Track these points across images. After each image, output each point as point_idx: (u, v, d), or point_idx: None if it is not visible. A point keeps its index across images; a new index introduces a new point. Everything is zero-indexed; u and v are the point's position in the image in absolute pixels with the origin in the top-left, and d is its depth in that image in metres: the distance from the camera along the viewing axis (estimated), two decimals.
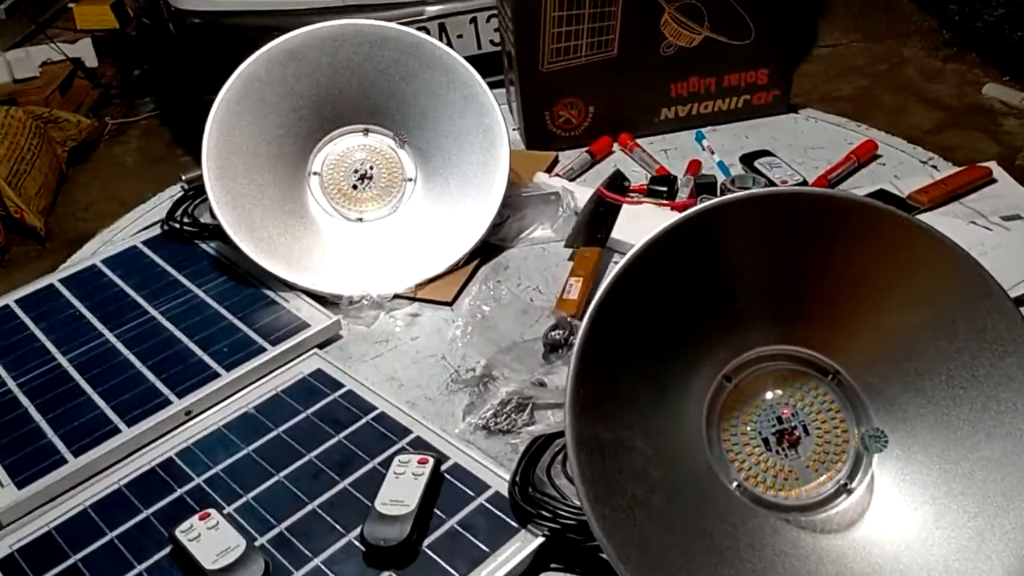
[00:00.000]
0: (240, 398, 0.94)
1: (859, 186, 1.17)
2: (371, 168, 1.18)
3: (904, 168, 1.21)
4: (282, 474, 0.84)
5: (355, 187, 1.18)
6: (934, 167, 1.20)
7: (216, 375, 0.95)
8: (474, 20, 2.36)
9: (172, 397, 0.93)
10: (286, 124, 1.15)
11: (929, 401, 0.72)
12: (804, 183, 1.17)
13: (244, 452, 0.87)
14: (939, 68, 3.33)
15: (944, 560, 0.67)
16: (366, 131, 1.19)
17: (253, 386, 0.95)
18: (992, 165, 1.16)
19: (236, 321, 1.03)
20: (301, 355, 0.99)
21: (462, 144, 1.15)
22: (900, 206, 1.10)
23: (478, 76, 1.14)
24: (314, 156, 1.18)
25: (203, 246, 1.18)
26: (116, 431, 0.90)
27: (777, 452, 0.74)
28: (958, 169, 1.15)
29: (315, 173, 1.17)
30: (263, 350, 0.98)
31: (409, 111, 1.18)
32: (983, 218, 1.06)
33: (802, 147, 1.27)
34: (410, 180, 1.19)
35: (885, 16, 3.69)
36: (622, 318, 0.70)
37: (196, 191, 1.25)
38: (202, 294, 1.08)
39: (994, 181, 1.14)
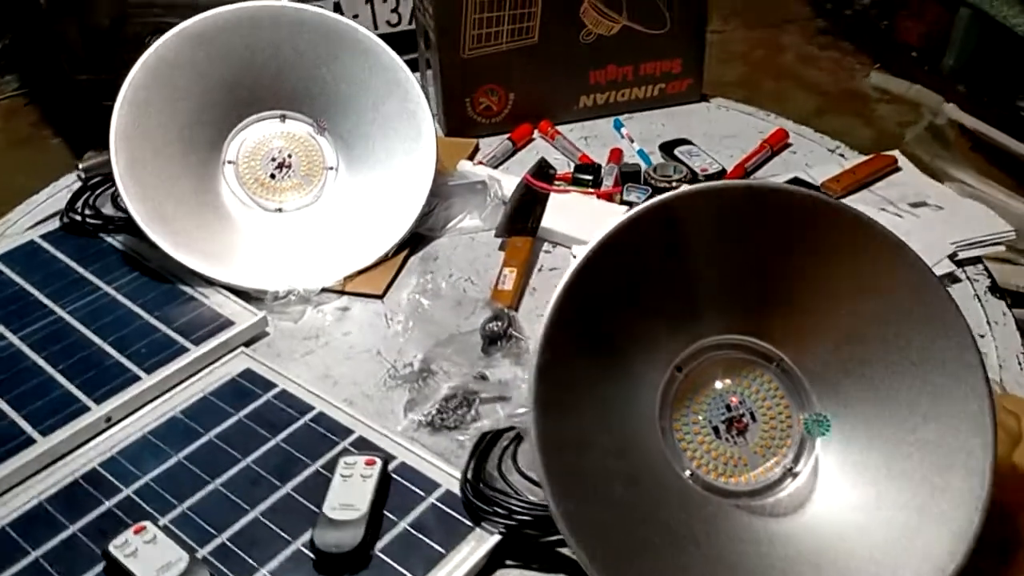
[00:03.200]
0: (165, 402, 0.89)
1: (775, 174, 1.20)
2: (289, 156, 1.14)
3: (814, 156, 1.25)
4: (218, 481, 0.80)
5: (273, 176, 1.13)
6: (841, 155, 1.25)
7: (136, 378, 0.90)
8: (370, 1, 2.31)
9: (90, 403, 0.88)
10: (198, 110, 1.10)
11: (869, 386, 0.74)
12: (723, 171, 1.19)
13: (174, 459, 0.82)
14: (816, 55, 3.46)
15: (886, 538, 0.70)
16: (283, 117, 1.15)
17: (178, 389, 0.90)
18: (896, 154, 1.21)
19: (153, 320, 0.98)
20: (227, 354, 0.95)
21: (386, 131, 1.13)
22: None
23: (401, 62, 1.12)
24: (228, 144, 1.13)
25: (109, 240, 1.11)
26: (30, 441, 0.84)
27: (726, 439, 0.75)
28: (866, 158, 1.20)
29: (230, 162, 1.12)
30: (185, 350, 0.94)
31: (329, 97, 1.14)
32: (892, 205, 1.11)
33: (717, 135, 1.30)
34: (331, 168, 1.15)
35: (761, 3, 3.81)
36: (582, 311, 0.70)
37: (98, 180, 1.18)
38: (113, 291, 1.02)
39: (899, 169, 1.19)
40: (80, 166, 1.24)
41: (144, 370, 0.91)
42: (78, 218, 1.13)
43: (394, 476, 0.80)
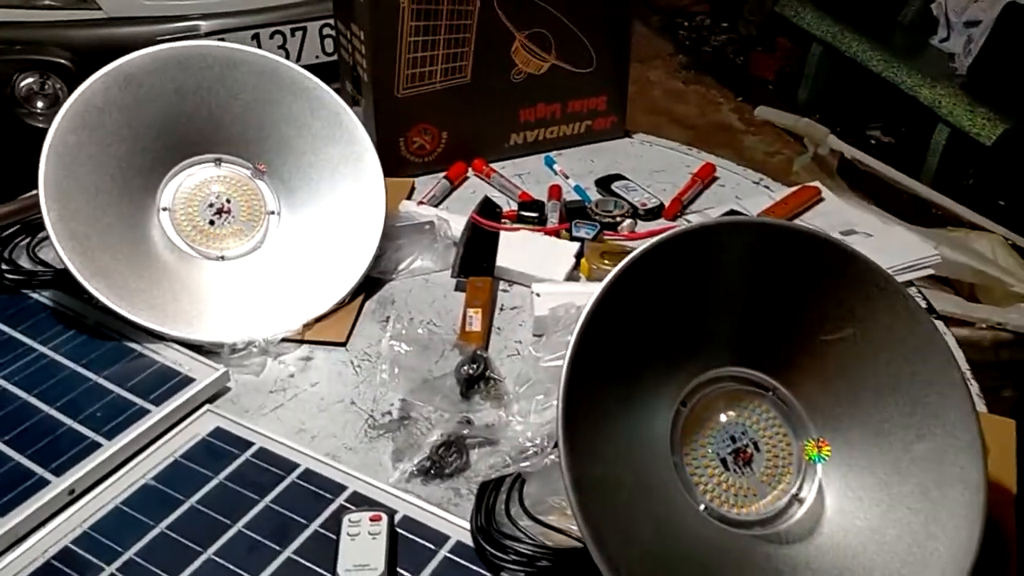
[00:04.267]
0: (133, 469, 0.83)
1: (709, 206, 1.25)
2: (228, 201, 1.09)
3: (741, 189, 1.30)
4: (211, 551, 0.75)
5: (212, 223, 1.08)
6: (766, 187, 1.31)
7: (96, 445, 0.84)
8: (256, 36, 2.26)
9: (48, 476, 0.80)
10: (129, 155, 1.03)
11: (862, 410, 0.78)
12: (661, 205, 1.23)
13: (157, 531, 0.76)
14: (682, 90, 3.63)
15: (897, 554, 0.73)
16: (218, 161, 1.10)
17: (144, 454, 0.84)
18: (818, 184, 1.28)
19: (103, 381, 0.91)
20: (191, 413, 0.89)
21: (331, 174, 1.10)
22: None
23: (343, 103, 1.09)
24: (163, 190, 1.07)
25: (34, 296, 1.03)
26: None
27: (735, 471, 0.77)
28: (792, 189, 1.26)
29: (165, 209, 1.06)
30: (146, 412, 0.87)
31: (267, 140, 1.10)
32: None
33: (646, 170, 1.34)
34: (272, 213, 1.11)
35: None
36: (598, 350, 0.70)
37: (10, 233, 1.10)
38: (50, 352, 0.94)
39: (822, 199, 1.26)
40: None
41: (103, 436, 0.84)
42: None
43: (399, 530, 0.77)
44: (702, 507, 0.75)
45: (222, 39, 2.22)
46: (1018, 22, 2.69)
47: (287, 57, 2.30)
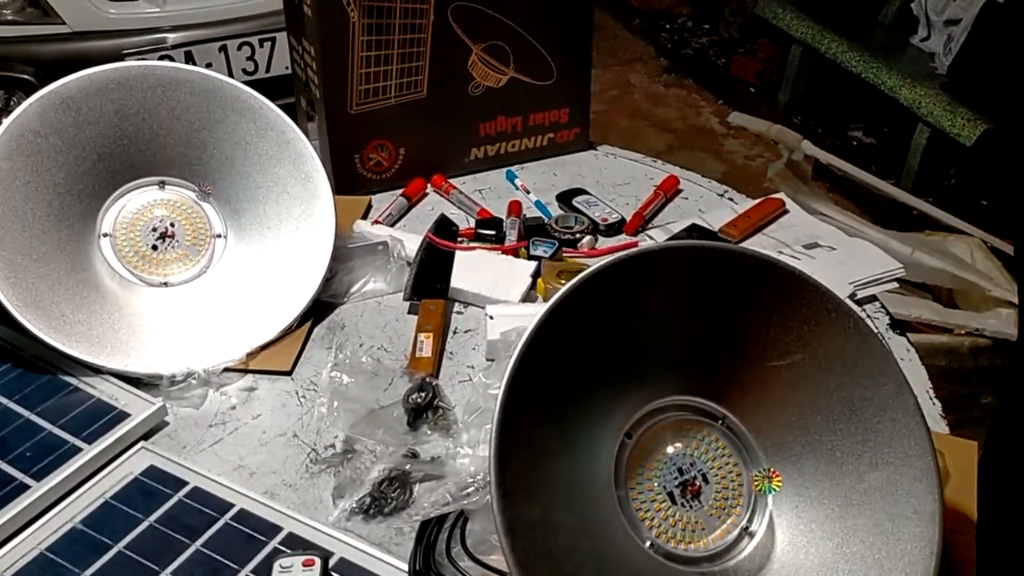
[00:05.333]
0: (61, 512, 0.79)
1: (671, 220, 1.22)
2: (172, 225, 1.06)
3: (705, 201, 1.28)
4: None
5: (155, 248, 1.05)
6: (730, 199, 1.28)
7: (24, 487, 0.80)
8: (224, 48, 2.23)
9: None
10: (68, 181, 1.00)
11: (813, 438, 0.75)
12: (623, 220, 1.20)
13: None
14: (663, 93, 3.60)
15: None
16: (162, 184, 1.07)
17: (74, 496, 0.81)
18: (782, 196, 1.25)
19: (35, 418, 0.88)
20: (125, 451, 0.86)
21: (279, 195, 1.07)
22: (712, 239, 1.16)
23: (291, 122, 1.06)
24: (103, 215, 1.04)
25: None
26: None
27: (682, 504, 0.74)
28: (756, 202, 1.24)
29: (106, 235, 1.03)
30: (78, 450, 0.84)
31: (213, 161, 1.07)
32: (788, 248, 1.15)
33: (609, 183, 1.31)
34: (219, 236, 1.08)
35: (608, 44, 3.93)
36: (534, 386, 0.67)
37: None
38: None
39: (787, 211, 1.23)
40: None
41: (32, 477, 0.81)
42: None
43: (334, 574, 0.74)
44: (648, 544, 0.72)
45: (189, 51, 2.19)
46: (997, 20, 2.67)
47: (256, 68, 2.30)
